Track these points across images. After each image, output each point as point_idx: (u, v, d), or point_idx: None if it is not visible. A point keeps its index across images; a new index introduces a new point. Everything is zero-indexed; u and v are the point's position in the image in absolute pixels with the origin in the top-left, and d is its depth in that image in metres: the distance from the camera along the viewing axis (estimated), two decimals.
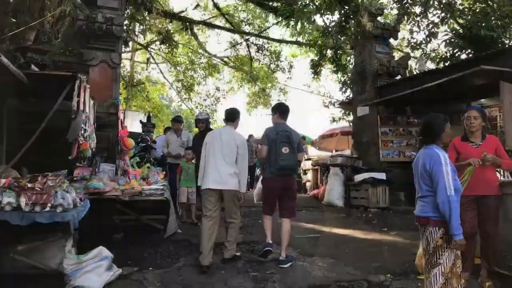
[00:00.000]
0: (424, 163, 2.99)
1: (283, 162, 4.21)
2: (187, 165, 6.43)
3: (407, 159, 7.64)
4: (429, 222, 2.91)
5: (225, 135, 4.38)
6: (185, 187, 6.32)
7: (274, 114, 4.66)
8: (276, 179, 4.30)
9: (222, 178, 4.15)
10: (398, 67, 8.09)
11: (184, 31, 16.89)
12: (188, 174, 6.38)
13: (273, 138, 4.32)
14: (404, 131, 7.74)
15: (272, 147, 4.28)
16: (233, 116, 4.61)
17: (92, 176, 5.29)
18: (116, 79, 6.24)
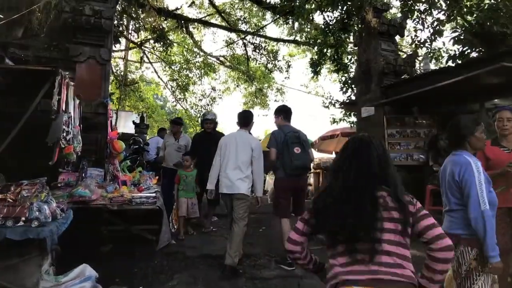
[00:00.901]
0: (452, 172, 2.58)
1: (297, 162, 4.32)
2: (184, 173, 5.68)
3: (415, 163, 7.24)
4: (460, 240, 2.49)
5: (240, 138, 4.38)
6: (185, 198, 5.58)
7: (278, 116, 4.73)
8: (289, 180, 4.38)
9: (233, 183, 4.18)
10: (405, 65, 7.67)
11: (179, 29, 16.42)
12: (186, 183, 5.66)
13: (282, 140, 4.40)
14: (412, 132, 7.31)
15: (284, 148, 4.37)
16: (247, 120, 4.58)
17: (78, 182, 4.85)
18: (105, 77, 5.78)
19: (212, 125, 6.08)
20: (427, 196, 6.61)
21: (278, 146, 4.42)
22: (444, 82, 5.62)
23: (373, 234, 1.61)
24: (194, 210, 5.59)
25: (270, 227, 6.12)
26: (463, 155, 2.58)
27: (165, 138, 6.99)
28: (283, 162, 4.39)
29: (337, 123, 11.86)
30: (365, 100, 7.98)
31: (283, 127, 4.62)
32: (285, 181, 4.43)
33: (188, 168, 5.74)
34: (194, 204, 5.61)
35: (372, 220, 1.63)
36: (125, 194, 4.71)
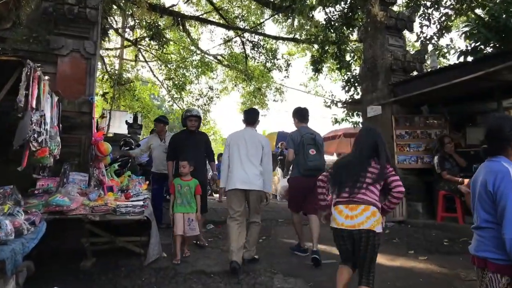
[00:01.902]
0: (485, 181, 2.08)
1: (311, 163, 4.53)
2: (180, 182, 4.64)
3: (426, 166, 6.75)
4: (488, 265, 2.02)
5: (249, 136, 4.48)
6: (181, 213, 4.54)
7: (294, 118, 5.01)
8: (303, 179, 4.59)
9: (249, 179, 4.25)
10: (414, 61, 7.19)
11: (176, 26, 15.92)
12: (182, 195, 4.60)
13: (299, 141, 4.66)
14: (423, 133, 6.83)
15: (300, 149, 4.62)
16: (254, 119, 4.68)
17: (58, 189, 4.34)
18: (91, 72, 5.26)
19: (197, 123, 5.28)
20: (440, 203, 6.13)
21: (295, 147, 4.69)
22: (463, 78, 5.14)
23: (354, 183, 2.91)
24: (192, 227, 4.54)
25: (272, 236, 5.62)
26: (501, 161, 2.10)
27: (149, 139, 6.37)
28: (298, 162, 4.66)
29: (339, 123, 11.36)
30: (371, 99, 7.50)
31: (300, 128, 4.87)
32: (299, 180, 4.67)
33: (185, 176, 4.70)
34: (192, 220, 4.56)
35: (357, 176, 2.91)
36: (109, 202, 4.20)
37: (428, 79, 6.58)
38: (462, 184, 5.85)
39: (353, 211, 2.85)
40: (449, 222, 6.09)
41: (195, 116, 5.28)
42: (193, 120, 5.24)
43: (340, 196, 2.94)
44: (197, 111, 5.54)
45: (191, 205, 4.62)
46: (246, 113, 4.76)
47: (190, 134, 5.28)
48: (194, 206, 4.65)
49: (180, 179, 4.70)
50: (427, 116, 6.90)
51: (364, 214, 2.82)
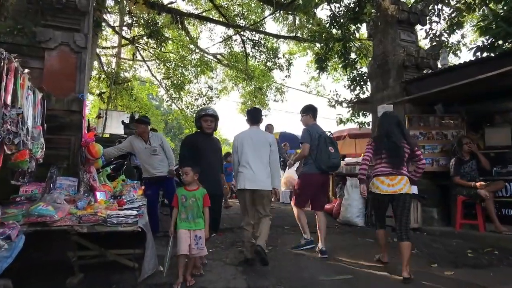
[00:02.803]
0: None
1: (334, 160, 4.69)
2: (184, 193, 3.82)
3: (442, 169, 6.32)
4: None
5: (255, 135, 4.49)
6: (187, 229, 3.71)
7: (307, 114, 5.00)
8: (319, 176, 4.72)
9: (258, 178, 4.26)
10: (427, 58, 6.76)
11: (174, 24, 15.49)
12: (187, 208, 3.76)
13: (317, 138, 4.71)
14: (438, 134, 6.39)
15: (321, 145, 4.68)
16: (258, 118, 4.68)
17: (44, 195, 3.91)
18: (81, 67, 4.82)
19: (214, 124, 4.50)
20: (458, 209, 5.69)
21: (313, 142, 4.70)
22: (487, 74, 4.70)
23: (400, 159, 3.92)
24: (200, 246, 3.71)
25: (279, 245, 5.18)
26: None
27: (131, 141, 5.73)
28: (319, 159, 4.65)
29: (344, 123, 10.91)
30: (382, 97, 7.07)
31: (313, 125, 4.89)
32: (316, 176, 4.71)
33: (190, 185, 3.88)
34: (199, 237, 3.71)
35: (400, 152, 3.93)
36: (99, 211, 3.75)
37: (444, 77, 6.16)
38: (475, 188, 5.46)
39: (393, 180, 3.89)
40: (468, 230, 5.67)
41: (211, 116, 4.43)
42: (209, 121, 4.43)
43: (383, 168, 3.98)
44: (213, 110, 4.60)
45: (198, 221, 3.77)
46: (249, 113, 4.73)
47: (206, 137, 4.51)
48: (202, 221, 3.79)
49: (184, 189, 3.87)
50: (443, 116, 6.47)
51: (401, 182, 3.88)
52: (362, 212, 6.55)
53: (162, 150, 5.52)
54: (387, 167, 3.92)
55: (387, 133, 4.00)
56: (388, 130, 4.01)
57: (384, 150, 3.97)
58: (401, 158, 3.91)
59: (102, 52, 17.44)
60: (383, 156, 3.99)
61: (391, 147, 3.93)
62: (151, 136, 5.55)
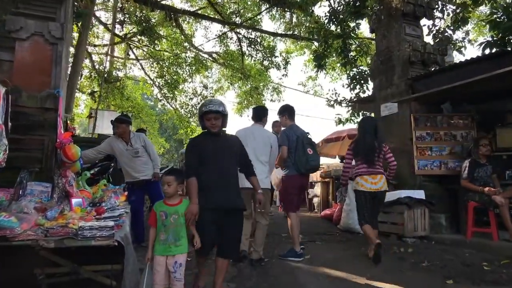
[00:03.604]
0: None
1: (313, 162, 4.58)
2: (165, 208, 3.05)
3: (451, 172, 5.90)
4: None
5: (258, 133, 4.45)
6: (162, 255, 2.99)
7: (283, 116, 4.88)
8: (300, 178, 4.65)
9: (259, 178, 3.85)
10: (434, 53, 6.34)
11: (168, 21, 15.01)
12: (167, 228, 2.99)
13: (294, 139, 4.59)
14: (446, 135, 5.97)
15: (299, 148, 4.55)
16: (262, 115, 4.65)
17: (11, 203, 3.45)
18: (57, 60, 4.35)
19: (220, 121, 3.33)
20: (470, 216, 5.26)
21: (290, 144, 4.57)
22: (506, 69, 4.27)
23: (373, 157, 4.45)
24: (177, 277, 2.94)
25: (276, 257, 4.72)
26: None
27: (111, 142, 5.22)
28: (297, 161, 4.54)
29: (343, 123, 10.50)
30: (386, 96, 6.65)
31: (291, 126, 4.77)
32: (297, 178, 4.63)
33: (171, 198, 3.10)
34: (179, 265, 2.96)
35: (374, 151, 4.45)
36: (72, 221, 3.26)
37: (452, 73, 5.75)
38: (482, 193, 5.05)
39: (375, 179, 4.44)
40: (480, 239, 5.24)
41: (215, 112, 3.25)
42: (213, 119, 3.27)
43: (364, 169, 4.50)
44: (218, 104, 3.36)
45: (180, 243, 2.98)
46: (255, 110, 4.75)
47: (215, 138, 3.37)
48: (185, 243, 3.01)
49: (164, 203, 3.08)
50: (451, 115, 6.05)
51: (382, 180, 4.46)
52: None
53: (145, 152, 5.05)
54: (368, 167, 4.48)
55: (365, 135, 4.58)
56: (366, 132, 4.59)
57: (364, 152, 4.51)
58: (372, 157, 4.49)
59: (94, 50, 16.98)
60: (363, 156, 4.54)
61: (369, 148, 4.48)
62: (133, 136, 5.07)
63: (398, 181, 6.28)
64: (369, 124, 4.66)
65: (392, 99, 6.39)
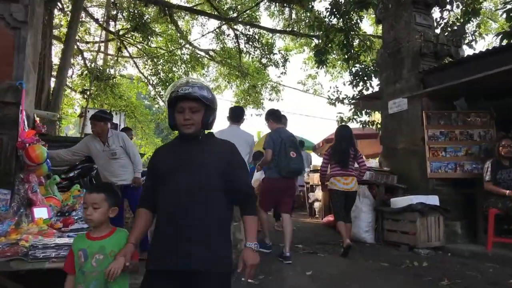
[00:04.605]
0: None
1: (294, 166, 4.57)
2: (84, 245, 1.99)
3: (467, 175, 5.33)
4: None
5: (236, 135, 4.29)
6: None
7: (268, 120, 4.93)
8: (281, 180, 4.60)
9: None
10: (448, 44, 5.77)
11: (162, 17, 14.45)
12: (85, 275, 1.90)
13: (279, 143, 4.57)
14: (462, 134, 5.39)
15: (281, 151, 4.54)
16: (240, 116, 4.62)
17: None
18: (20, 47, 3.76)
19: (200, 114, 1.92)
20: (490, 224, 4.68)
21: (275, 147, 4.56)
22: None
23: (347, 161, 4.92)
24: None
25: (274, 273, 4.13)
26: None
27: (88, 142, 4.55)
28: (279, 164, 4.54)
29: (345, 123, 9.90)
30: (394, 91, 6.09)
31: (277, 129, 4.77)
32: (278, 180, 4.61)
33: (99, 228, 2.05)
34: None
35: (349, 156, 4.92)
36: (25, 237, 2.69)
37: (469, 66, 5.19)
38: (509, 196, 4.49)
39: (347, 180, 4.89)
40: (502, 250, 4.67)
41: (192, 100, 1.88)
42: (187, 110, 1.88)
43: (338, 171, 4.93)
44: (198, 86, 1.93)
45: None
46: (232, 111, 4.67)
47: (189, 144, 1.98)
48: None
49: (86, 236, 2.06)
50: (468, 112, 5.48)
51: (353, 182, 4.92)
52: (371, 226, 5.53)
53: (125, 153, 4.45)
54: (341, 170, 4.90)
55: (341, 142, 5.03)
56: (343, 139, 5.05)
57: (339, 156, 4.93)
58: (347, 161, 4.92)
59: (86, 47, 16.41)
60: (338, 160, 4.95)
61: (345, 154, 4.92)
62: (111, 136, 4.43)
63: (408, 185, 5.72)
64: (345, 132, 5.16)
65: (401, 95, 5.82)
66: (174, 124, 1.97)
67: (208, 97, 1.94)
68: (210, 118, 1.97)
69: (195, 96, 1.88)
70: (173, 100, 1.92)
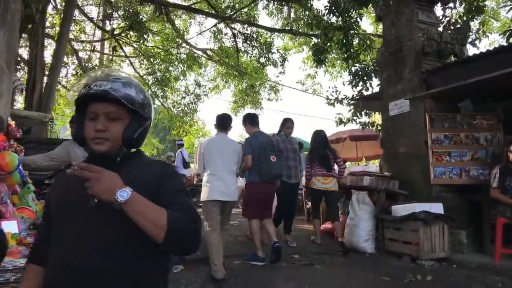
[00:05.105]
0: None
1: (275, 170, 4.53)
2: None
3: (474, 181, 5.04)
4: None
5: (225, 144, 4.32)
6: None
7: (245, 125, 4.86)
8: (264, 185, 4.55)
9: (229, 190, 4.13)
10: (452, 42, 5.48)
11: (158, 15, 14.14)
12: None
13: (257, 147, 4.51)
14: (468, 138, 5.10)
15: (261, 156, 4.49)
16: (228, 124, 4.48)
17: None
18: None
19: (118, 125, 1.25)
20: (498, 234, 4.38)
21: (254, 152, 4.50)
22: None
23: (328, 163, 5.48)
24: None
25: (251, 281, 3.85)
26: None
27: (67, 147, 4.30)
28: (260, 169, 4.49)
29: (344, 124, 9.60)
30: (395, 92, 5.79)
31: (255, 134, 4.71)
32: (259, 186, 4.56)
33: None
34: None
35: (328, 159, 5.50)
36: None
37: (474, 65, 4.90)
38: None
39: (326, 180, 5.40)
40: (510, 262, 4.38)
41: (108, 101, 1.21)
42: (101, 116, 1.22)
43: (319, 171, 5.44)
44: (113, 79, 1.24)
45: None
46: (219, 118, 4.48)
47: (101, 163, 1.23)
48: None
49: None
50: (474, 115, 5.18)
51: (332, 182, 5.40)
52: (372, 235, 5.22)
53: None
54: (321, 170, 5.43)
55: (318, 147, 5.61)
56: (319, 146, 5.63)
57: (317, 159, 5.50)
58: (329, 163, 5.47)
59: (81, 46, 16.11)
60: (317, 162, 5.51)
61: (321, 156, 5.48)
62: None
63: (410, 191, 5.43)
64: (319, 138, 5.68)
65: (403, 96, 5.53)
66: (82, 137, 1.27)
67: (135, 99, 1.26)
68: (137, 131, 1.29)
69: (114, 97, 1.20)
70: (81, 100, 1.25)
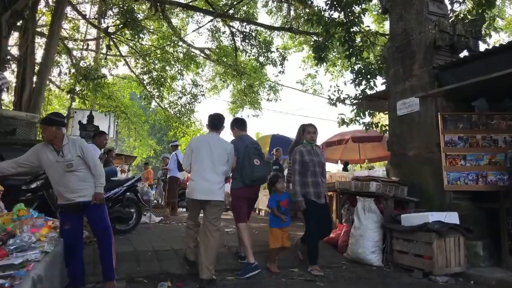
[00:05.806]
0: None
1: (258, 173, 4.45)
2: None
3: (491, 188, 4.59)
4: None
5: (214, 142, 4.24)
6: None
7: (233, 128, 4.86)
8: (248, 189, 4.54)
9: (210, 189, 4.05)
10: (466, 35, 5.03)
11: (153, 13, 13.70)
12: None
13: (243, 150, 4.49)
14: (485, 139, 4.65)
15: (245, 160, 4.46)
16: (220, 124, 4.44)
17: None
18: None
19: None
20: None
21: (239, 155, 4.48)
22: None
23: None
24: None
25: None
26: None
27: (38, 151, 3.83)
28: (243, 173, 4.47)
29: (347, 125, 9.16)
30: (404, 90, 5.35)
31: (241, 137, 4.70)
32: (243, 190, 4.54)
33: None
34: None
35: None
36: None
37: (491, 60, 4.46)
38: None
39: None
40: None
41: None
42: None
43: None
44: None
45: None
46: (211, 118, 4.45)
47: None
48: None
49: None
50: (491, 114, 4.73)
51: None
52: (379, 246, 4.76)
53: (84, 164, 3.66)
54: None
55: None
56: None
57: None
58: None
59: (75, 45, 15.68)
60: None
61: None
62: (66, 143, 3.64)
63: (420, 198, 4.98)
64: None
65: (412, 94, 5.09)
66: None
67: None
68: None
69: None
70: None
